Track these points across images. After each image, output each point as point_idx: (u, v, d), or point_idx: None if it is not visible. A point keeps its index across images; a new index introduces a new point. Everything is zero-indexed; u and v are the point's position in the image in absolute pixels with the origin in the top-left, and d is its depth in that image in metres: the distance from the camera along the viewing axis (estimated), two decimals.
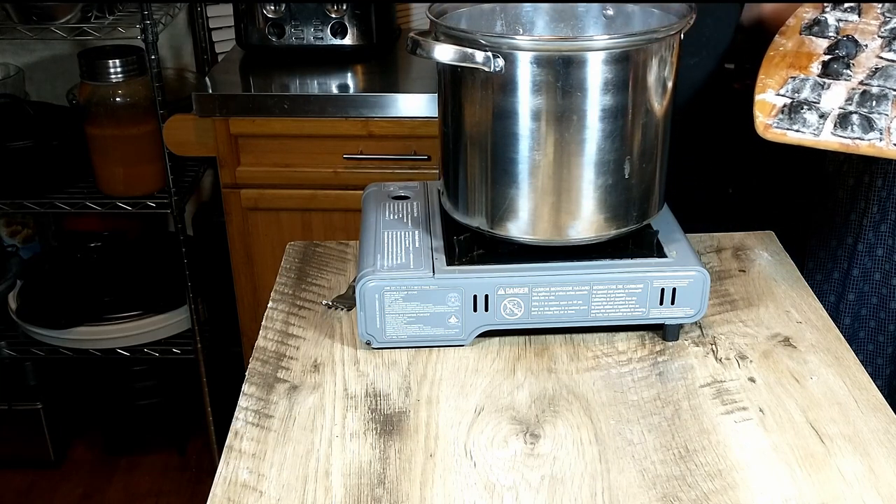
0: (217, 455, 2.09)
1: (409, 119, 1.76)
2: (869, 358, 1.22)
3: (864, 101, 0.95)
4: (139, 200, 2.00)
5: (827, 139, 0.93)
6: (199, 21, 2.20)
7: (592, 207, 0.93)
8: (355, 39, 1.91)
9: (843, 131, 0.92)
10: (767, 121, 0.95)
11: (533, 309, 0.95)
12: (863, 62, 1.02)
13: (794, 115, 0.94)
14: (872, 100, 0.94)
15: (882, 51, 1.03)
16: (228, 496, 0.79)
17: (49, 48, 2.27)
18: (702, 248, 1.15)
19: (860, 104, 0.95)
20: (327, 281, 1.10)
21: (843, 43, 1.03)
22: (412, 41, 0.89)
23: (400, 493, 0.79)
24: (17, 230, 2.38)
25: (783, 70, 1.01)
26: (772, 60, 1.03)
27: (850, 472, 0.80)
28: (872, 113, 0.94)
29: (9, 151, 1.96)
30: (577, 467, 0.81)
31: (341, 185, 1.82)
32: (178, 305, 2.14)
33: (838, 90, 0.98)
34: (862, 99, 0.95)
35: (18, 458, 2.30)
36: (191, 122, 1.82)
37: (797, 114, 0.93)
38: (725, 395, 0.90)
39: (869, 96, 0.95)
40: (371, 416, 0.88)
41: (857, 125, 0.92)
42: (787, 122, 0.94)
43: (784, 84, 0.98)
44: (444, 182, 1.01)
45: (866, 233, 1.19)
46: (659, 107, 0.93)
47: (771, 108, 0.96)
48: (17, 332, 2.18)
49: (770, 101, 0.97)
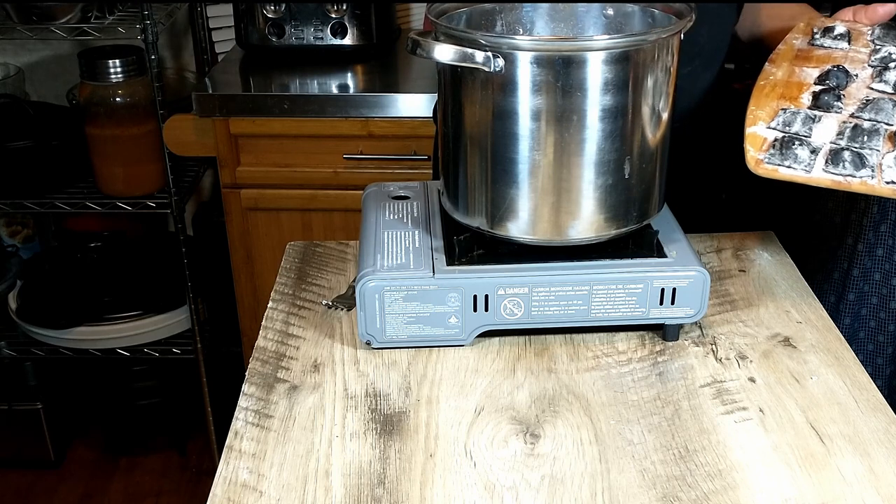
0: (217, 455, 2.09)
1: (409, 119, 1.76)
2: (869, 358, 1.22)
3: (855, 137, 0.95)
4: (139, 200, 2.00)
5: (819, 176, 0.93)
6: (199, 21, 2.20)
7: (592, 207, 0.93)
8: (355, 39, 1.91)
9: (834, 168, 0.93)
10: (759, 156, 0.95)
11: (533, 309, 0.95)
12: (853, 93, 1.02)
13: (785, 151, 0.94)
14: (864, 135, 0.95)
15: (873, 81, 1.03)
16: (228, 496, 0.79)
17: (49, 48, 2.27)
18: (702, 248, 1.15)
19: (851, 139, 0.95)
20: (327, 281, 1.10)
21: (834, 73, 1.03)
22: (412, 41, 0.89)
23: (400, 493, 0.79)
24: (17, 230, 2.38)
25: (774, 101, 1.01)
26: (762, 91, 1.03)
27: (850, 472, 0.80)
28: (864, 148, 0.94)
29: (9, 151, 1.96)
30: (577, 467, 0.81)
31: (341, 185, 1.82)
32: (178, 305, 2.14)
33: (829, 123, 0.98)
34: (853, 134, 0.95)
35: (18, 458, 2.30)
36: (191, 122, 1.82)
37: (788, 149, 0.94)
38: (725, 395, 0.90)
39: (861, 131, 0.95)
40: (371, 416, 0.88)
41: (849, 162, 0.92)
42: (778, 158, 0.94)
43: (775, 116, 0.98)
44: (444, 182, 1.01)
45: (866, 233, 1.19)
46: (659, 107, 0.93)
47: (762, 141, 0.96)
48: (17, 332, 2.18)
49: (761, 135, 0.97)
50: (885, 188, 0.91)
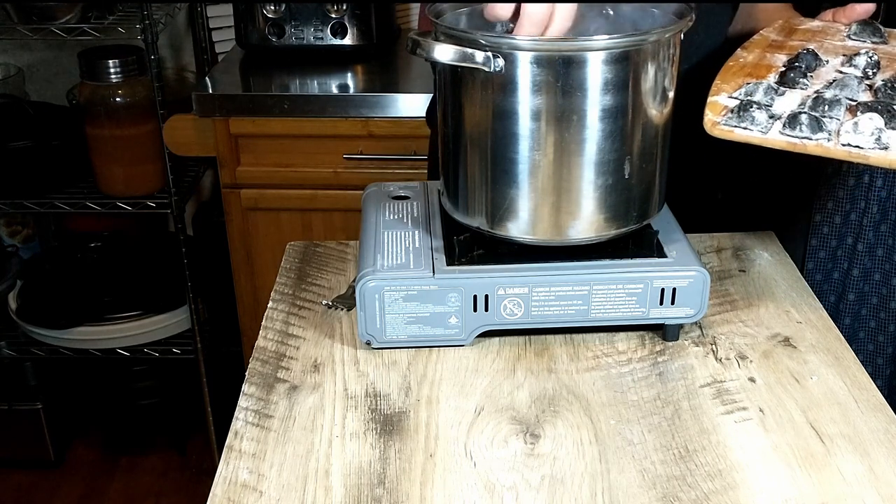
0: (217, 455, 2.09)
1: (409, 119, 1.76)
2: (869, 358, 1.22)
3: (816, 105, 0.93)
4: (139, 200, 2.00)
5: (774, 137, 0.91)
6: (199, 21, 2.20)
7: (592, 207, 0.93)
8: (355, 39, 1.91)
9: (791, 130, 0.90)
10: (715, 118, 0.94)
11: (533, 309, 0.95)
12: (822, 75, 1.01)
13: (742, 114, 0.92)
14: (825, 104, 0.93)
15: (843, 66, 1.03)
16: (228, 496, 0.79)
17: (49, 48, 2.28)
18: (702, 248, 1.15)
19: (812, 108, 0.93)
20: (327, 281, 1.10)
21: (804, 56, 1.03)
22: (412, 41, 0.89)
23: (400, 493, 0.79)
24: (17, 230, 2.39)
25: (740, 78, 1.00)
26: (730, 69, 1.02)
27: (850, 472, 0.80)
28: (824, 116, 0.92)
29: (9, 151, 1.96)
30: (577, 467, 0.81)
31: (341, 185, 1.82)
32: (178, 305, 2.14)
33: (793, 96, 0.96)
34: (815, 103, 0.93)
35: (18, 458, 2.30)
36: (191, 122, 1.82)
37: (746, 112, 0.92)
38: (725, 395, 0.90)
39: (822, 101, 0.93)
40: (371, 416, 0.88)
41: (806, 125, 0.90)
42: (735, 120, 0.93)
43: (738, 88, 0.98)
44: (443, 182, 1.01)
45: (866, 233, 1.19)
46: (659, 107, 0.93)
47: (722, 108, 0.95)
48: (17, 332, 2.18)
49: (722, 103, 0.96)
50: (841, 150, 0.89)
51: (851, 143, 0.88)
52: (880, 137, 0.87)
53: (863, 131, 0.88)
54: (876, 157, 0.87)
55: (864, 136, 0.88)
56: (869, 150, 0.87)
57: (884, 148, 0.87)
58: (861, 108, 0.92)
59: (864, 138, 0.88)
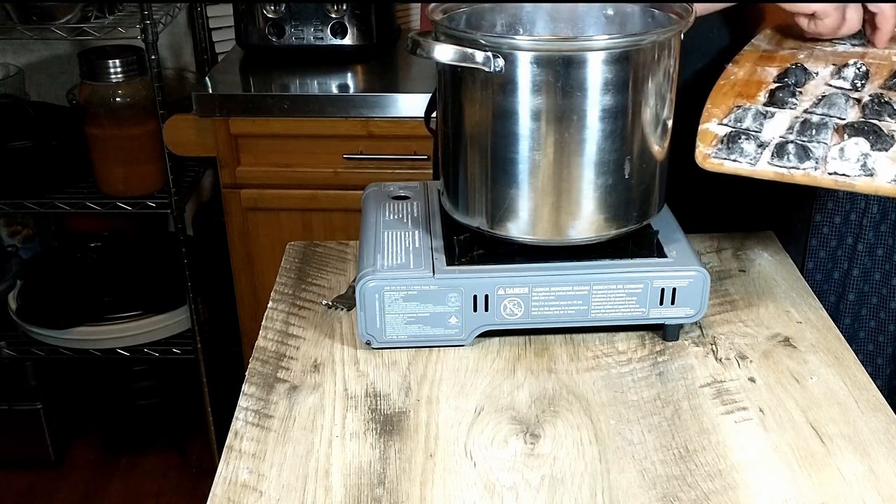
0: (217, 455, 2.09)
1: (409, 119, 1.76)
2: (869, 358, 1.22)
3: (804, 131, 0.94)
4: (139, 200, 2.00)
5: (763, 169, 0.93)
6: (199, 21, 2.20)
7: (592, 207, 0.93)
8: (355, 39, 1.91)
9: (779, 160, 0.92)
10: (706, 150, 0.95)
11: (533, 309, 0.95)
12: (811, 90, 1.02)
13: (731, 145, 0.94)
14: (812, 129, 0.94)
15: (832, 78, 1.03)
16: (228, 496, 0.79)
17: (49, 48, 2.28)
18: (702, 248, 1.15)
19: (800, 133, 0.94)
20: (327, 281, 1.10)
21: (793, 71, 1.03)
22: (412, 41, 0.89)
23: (400, 493, 0.79)
24: (17, 230, 2.39)
25: (731, 99, 1.01)
26: (721, 90, 1.02)
27: (850, 472, 0.80)
28: (812, 142, 0.93)
29: (9, 151, 1.96)
30: (577, 467, 0.81)
31: (341, 185, 1.82)
32: (178, 305, 2.14)
33: (781, 119, 0.97)
34: (802, 128, 0.95)
35: (18, 458, 2.30)
36: (191, 122, 1.82)
37: (735, 143, 0.94)
38: (725, 395, 0.90)
39: (809, 125, 0.94)
40: (371, 416, 0.88)
41: (793, 154, 0.91)
42: (724, 153, 0.94)
43: (729, 113, 0.98)
44: (443, 182, 1.01)
45: (866, 233, 1.19)
46: (659, 106, 0.93)
47: (712, 137, 0.96)
48: (17, 332, 2.18)
49: (712, 131, 0.97)
50: (827, 179, 0.91)
51: (838, 171, 0.91)
52: (865, 163, 0.90)
53: (849, 158, 0.90)
54: (862, 185, 0.90)
55: (850, 162, 0.90)
56: (855, 178, 0.90)
57: (869, 174, 0.90)
58: (848, 132, 0.93)
59: (849, 165, 0.90)
